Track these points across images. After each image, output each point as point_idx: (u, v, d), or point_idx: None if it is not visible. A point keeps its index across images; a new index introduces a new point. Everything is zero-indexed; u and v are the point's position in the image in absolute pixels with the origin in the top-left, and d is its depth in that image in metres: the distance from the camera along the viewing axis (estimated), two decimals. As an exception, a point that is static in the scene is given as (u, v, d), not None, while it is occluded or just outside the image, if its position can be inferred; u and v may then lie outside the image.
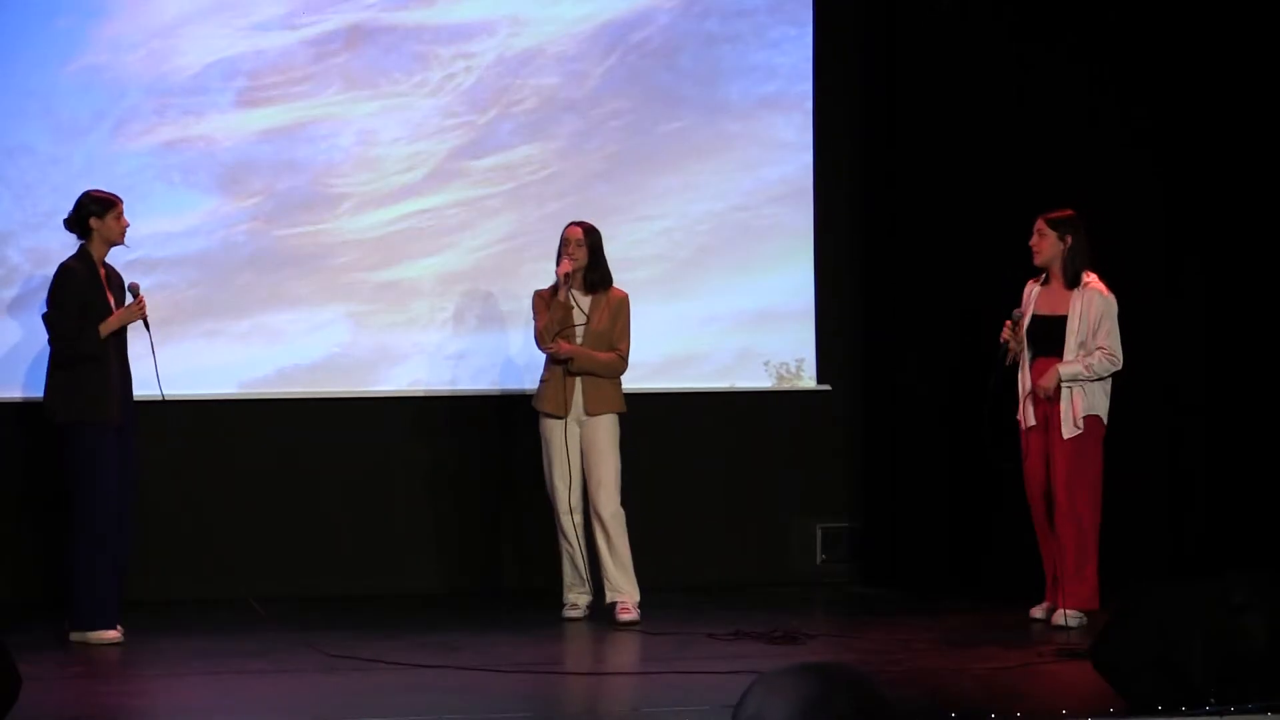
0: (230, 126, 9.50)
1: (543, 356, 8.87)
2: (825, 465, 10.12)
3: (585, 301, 8.81)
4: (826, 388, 10.06)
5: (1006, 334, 8.69)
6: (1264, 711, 6.07)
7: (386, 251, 9.64)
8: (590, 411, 8.74)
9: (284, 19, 9.55)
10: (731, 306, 9.94)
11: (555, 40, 9.79)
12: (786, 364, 10.03)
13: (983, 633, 8.42)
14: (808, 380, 10.04)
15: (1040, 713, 6.49)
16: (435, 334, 9.69)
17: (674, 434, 9.89)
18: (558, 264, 8.83)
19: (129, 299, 8.34)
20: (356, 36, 9.62)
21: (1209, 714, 5.96)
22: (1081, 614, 8.53)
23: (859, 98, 10.11)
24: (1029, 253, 8.78)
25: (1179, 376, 9.75)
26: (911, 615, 8.98)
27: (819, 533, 10.10)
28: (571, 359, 8.72)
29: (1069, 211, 8.72)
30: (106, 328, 8.18)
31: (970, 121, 9.80)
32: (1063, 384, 8.54)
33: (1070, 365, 8.55)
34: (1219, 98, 9.75)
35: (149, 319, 8.28)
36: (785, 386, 10.03)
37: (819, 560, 10.11)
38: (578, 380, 8.75)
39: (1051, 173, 9.60)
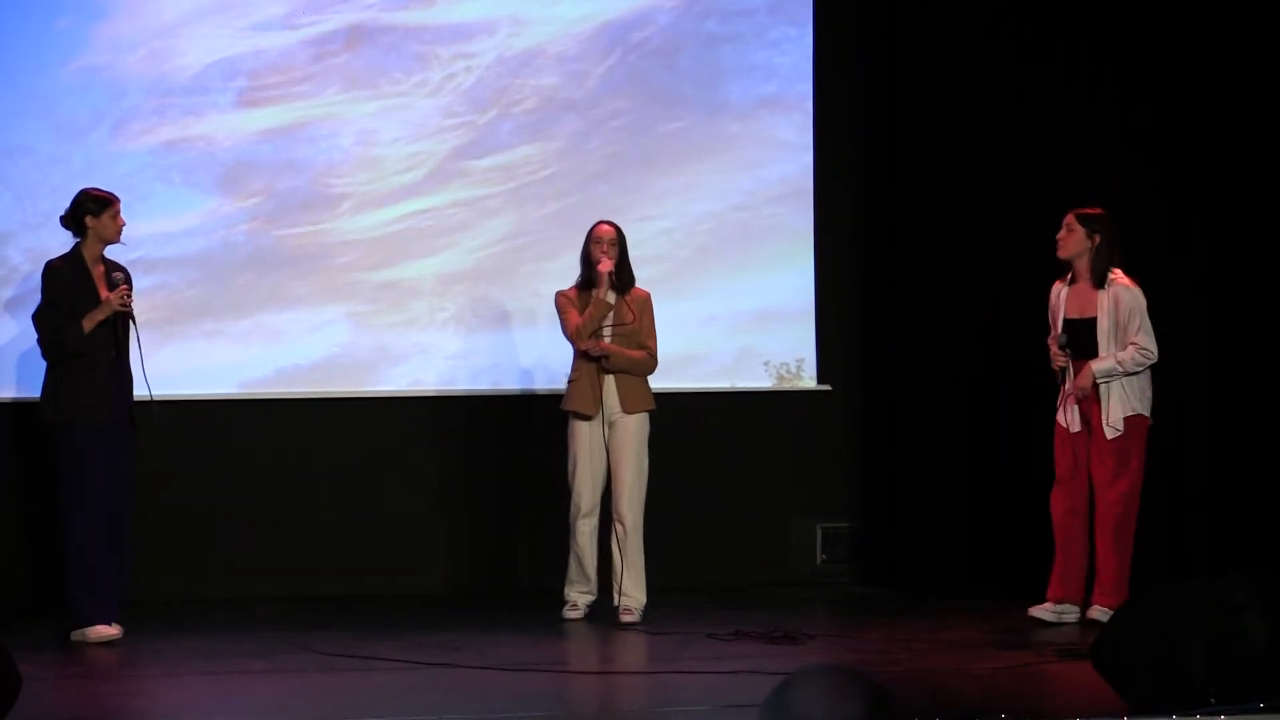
0: (230, 126, 9.50)
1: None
2: (825, 465, 10.12)
3: (613, 300, 8.76)
4: (826, 388, 10.06)
5: (1062, 360, 8.64)
6: (1264, 711, 6.05)
7: (386, 251, 9.65)
8: (626, 410, 8.69)
9: (284, 19, 9.55)
10: (731, 306, 9.94)
11: (555, 40, 9.79)
12: (786, 364, 10.03)
13: (983, 633, 8.42)
14: (808, 380, 10.04)
15: (1040, 713, 6.49)
16: (435, 334, 9.69)
17: (674, 434, 9.87)
18: (584, 262, 8.75)
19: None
20: (356, 36, 9.62)
21: (1209, 714, 5.95)
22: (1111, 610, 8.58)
23: (859, 98, 10.12)
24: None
25: (1179, 376, 9.74)
26: (911, 615, 8.97)
27: (819, 533, 10.10)
28: (607, 356, 8.69)
29: (1100, 210, 8.69)
30: (89, 322, 8.15)
31: (970, 121, 9.79)
32: (1098, 381, 8.53)
33: (1103, 361, 8.54)
34: (1219, 98, 9.74)
35: (135, 315, 8.22)
36: (785, 386, 10.03)
37: (819, 560, 10.11)
38: (610, 379, 8.71)
39: (1051, 173, 9.60)
